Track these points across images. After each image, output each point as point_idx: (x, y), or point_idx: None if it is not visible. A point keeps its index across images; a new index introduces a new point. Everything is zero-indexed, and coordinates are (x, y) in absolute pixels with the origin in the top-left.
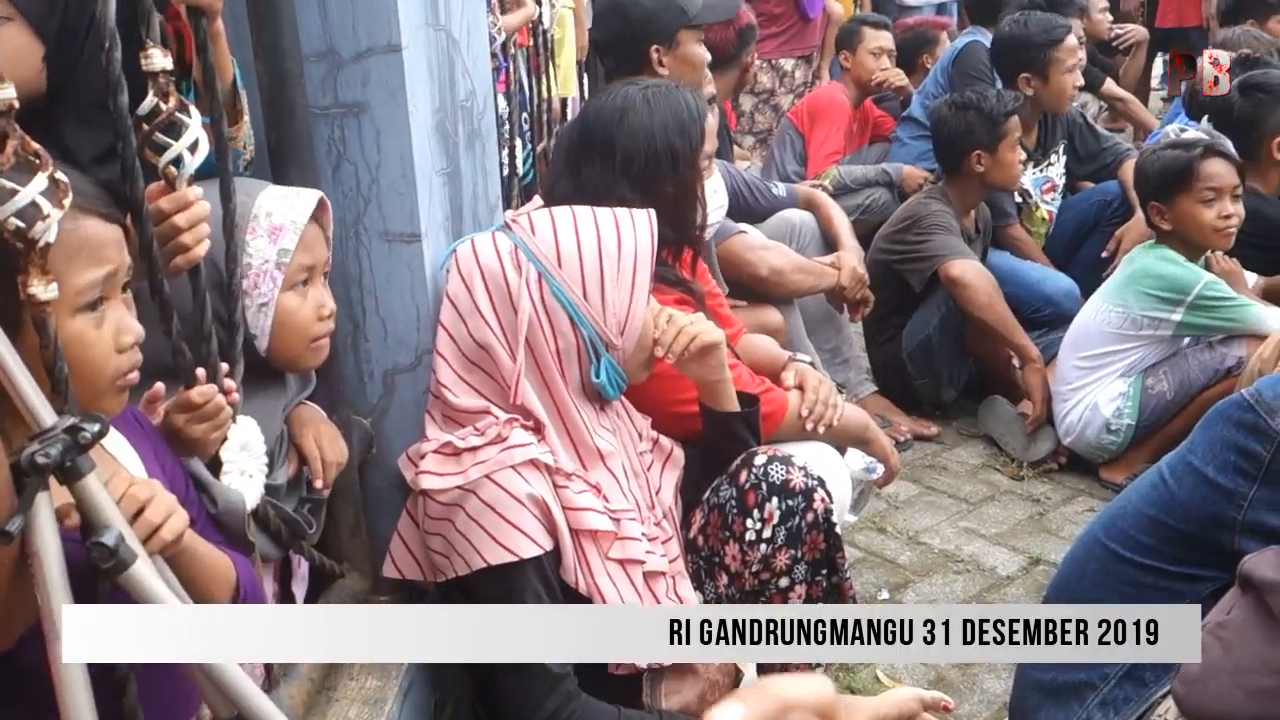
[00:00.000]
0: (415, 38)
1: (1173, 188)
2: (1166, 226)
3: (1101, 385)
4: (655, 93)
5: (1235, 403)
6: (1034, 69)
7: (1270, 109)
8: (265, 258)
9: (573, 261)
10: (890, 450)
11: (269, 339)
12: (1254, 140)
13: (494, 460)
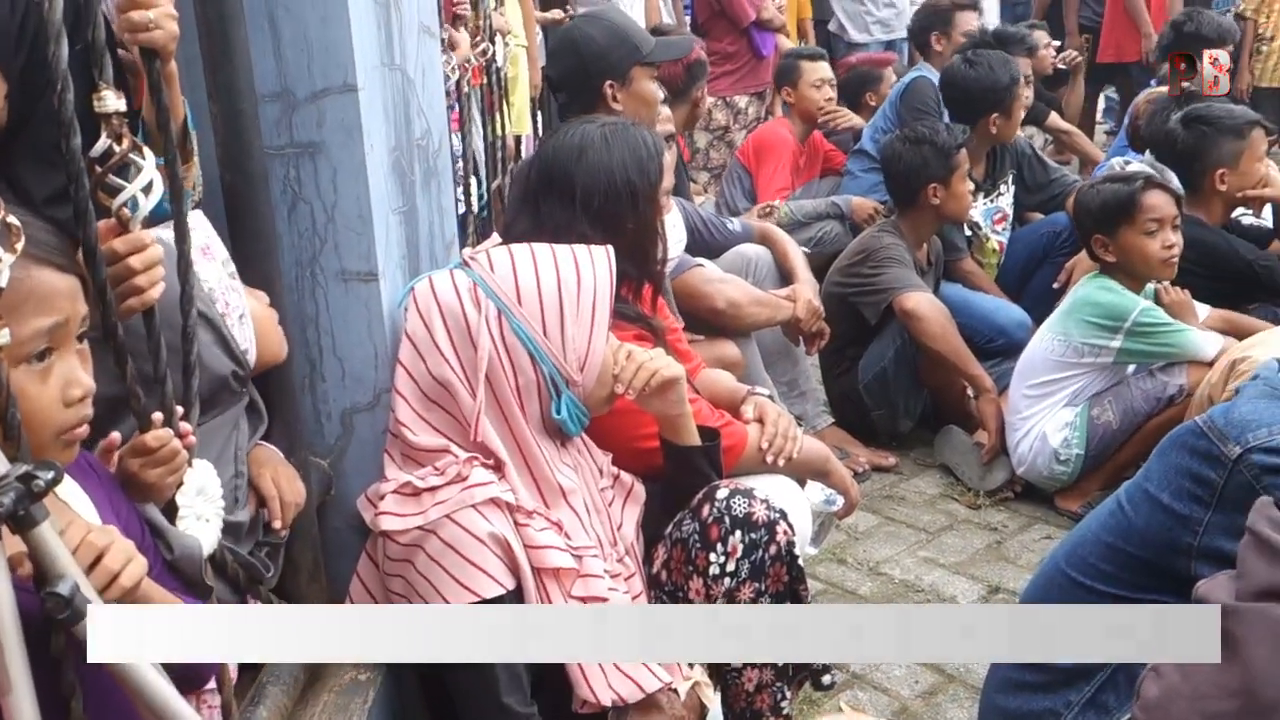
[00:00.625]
0: (371, 78)
1: (1115, 220)
2: (1111, 259)
3: (1048, 414)
4: (613, 130)
5: (1189, 429)
6: (1003, 109)
7: (1213, 141)
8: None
9: (532, 298)
10: (850, 482)
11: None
12: (1198, 172)
13: (454, 499)
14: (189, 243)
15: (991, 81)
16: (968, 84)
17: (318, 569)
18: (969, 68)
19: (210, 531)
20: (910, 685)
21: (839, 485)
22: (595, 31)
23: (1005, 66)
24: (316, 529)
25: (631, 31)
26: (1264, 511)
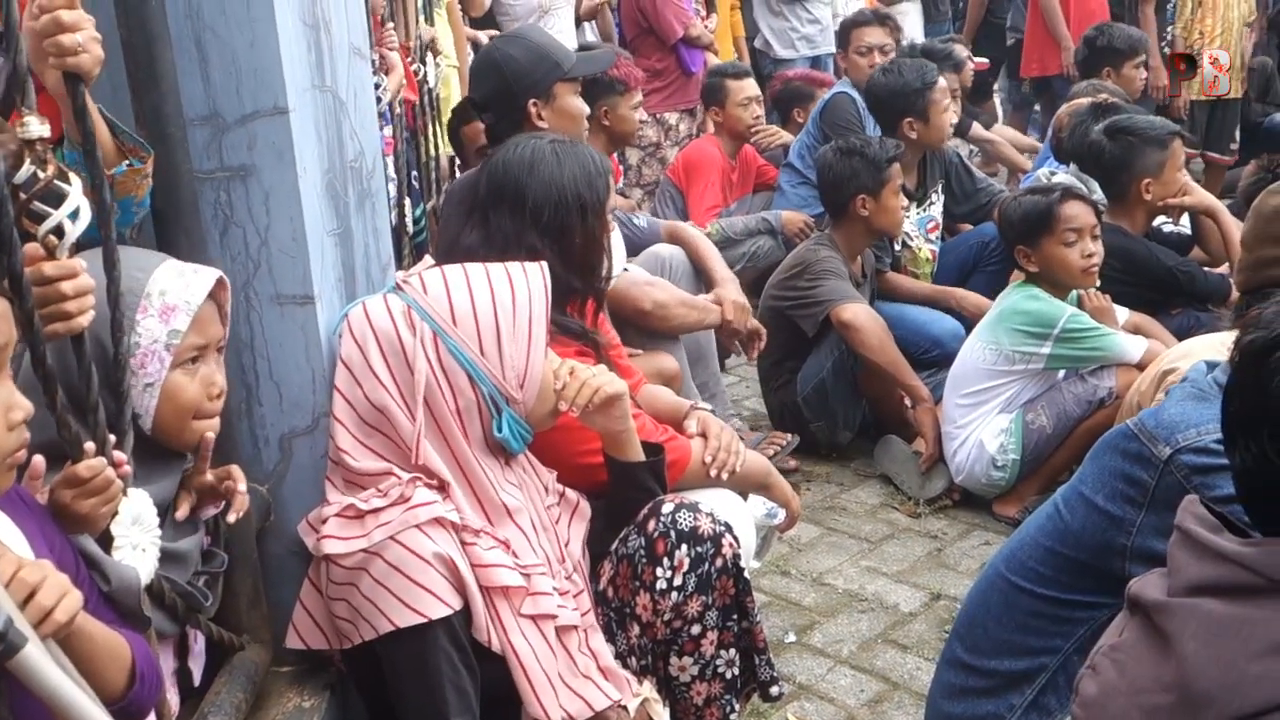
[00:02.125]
0: (302, 100)
1: (1036, 231)
2: (1034, 268)
3: (984, 422)
4: (562, 145)
5: (1121, 433)
6: (916, 113)
7: (1139, 151)
8: (155, 338)
9: (467, 318)
10: (790, 495)
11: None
12: (1124, 181)
13: (398, 521)
14: (119, 269)
15: (901, 85)
16: (880, 90)
17: (258, 596)
18: (883, 75)
19: (147, 561)
20: (856, 694)
21: (780, 498)
22: (515, 51)
23: (917, 71)
24: (256, 555)
25: (552, 49)
26: (1191, 509)
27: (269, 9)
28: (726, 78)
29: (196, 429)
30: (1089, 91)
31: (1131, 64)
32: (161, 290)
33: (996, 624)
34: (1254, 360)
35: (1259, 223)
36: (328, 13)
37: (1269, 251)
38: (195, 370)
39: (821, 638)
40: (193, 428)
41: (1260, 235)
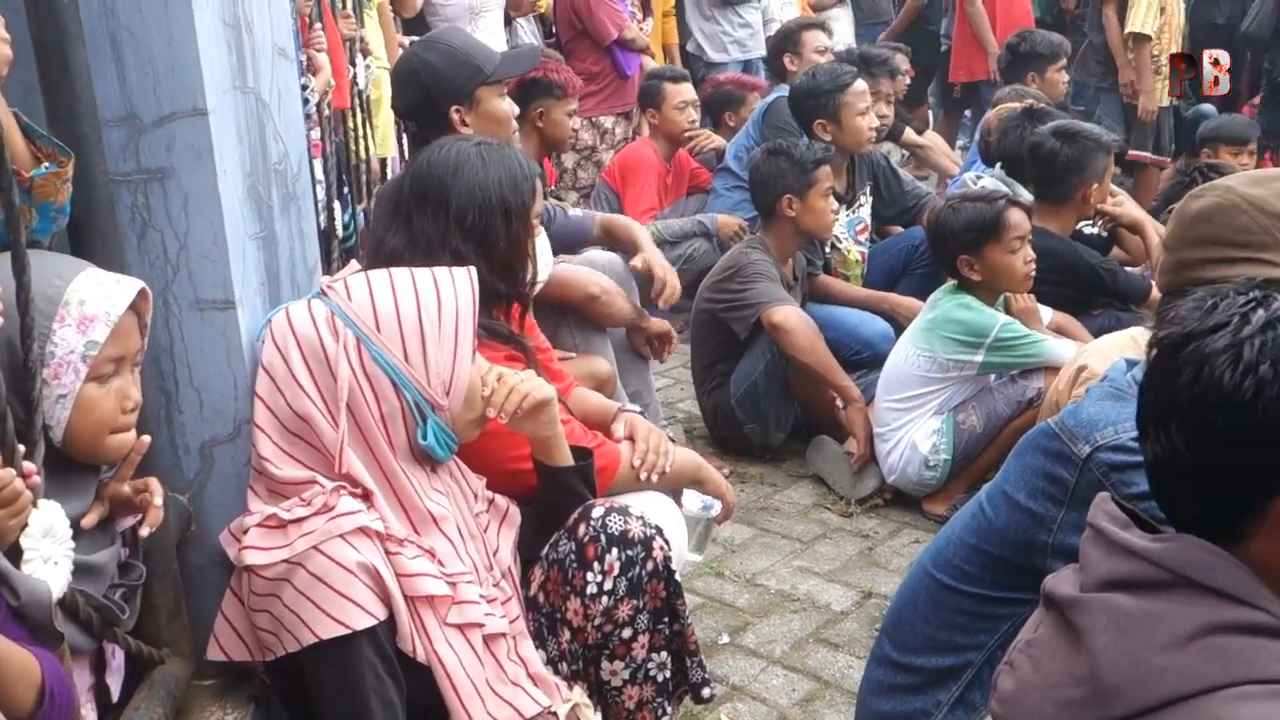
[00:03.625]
0: (222, 101)
1: (982, 239)
2: (977, 277)
3: (917, 424)
4: (488, 148)
5: (1042, 431)
6: (826, 114)
7: (1093, 154)
8: (71, 348)
9: (391, 324)
10: (725, 488)
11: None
12: (1074, 184)
13: (321, 530)
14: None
15: (813, 87)
16: (796, 92)
17: (179, 609)
18: (802, 78)
19: (59, 575)
20: (788, 694)
21: (714, 491)
22: (433, 57)
23: (830, 74)
24: (176, 567)
25: (473, 52)
26: (1103, 506)
27: (187, 8)
28: (664, 80)
29: (110, 444)
30: (1013, 96)
31: (1054, 68)
32: (81, 299)
33: (923, 621)
34: (1166, 355)
35: (1181, 226)
36: (249, 12)
37: (1190, 254)
38: (110, 383)
39: (754, 638)
40: (106, 443)
41: (1181, 238)
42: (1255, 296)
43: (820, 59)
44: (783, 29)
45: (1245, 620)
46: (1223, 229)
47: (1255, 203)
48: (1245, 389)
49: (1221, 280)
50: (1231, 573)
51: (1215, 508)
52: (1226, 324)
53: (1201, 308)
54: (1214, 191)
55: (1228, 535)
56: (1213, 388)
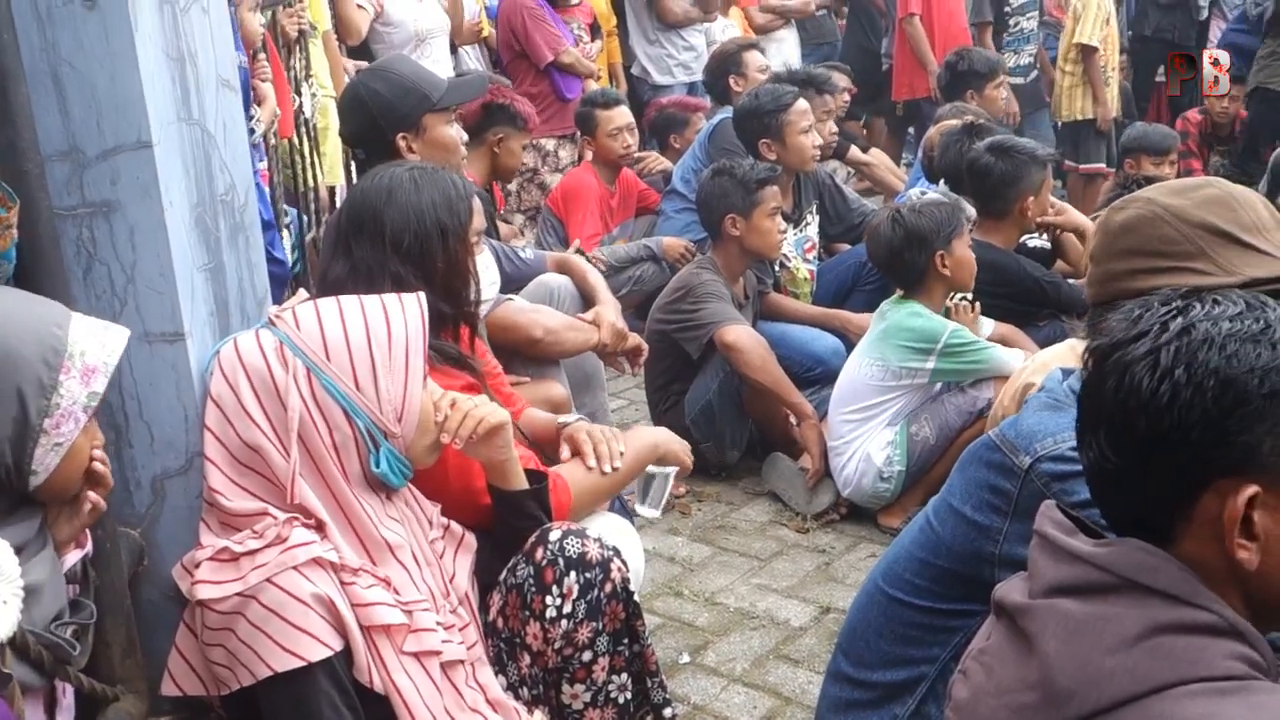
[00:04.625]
0: (166, 133)
1: (951, 235)
2: (948, 273)
3: (871, 436)
4: (421, 172)
5: (984, 444)
6: (770, 134)
7: (1028, 168)
8: (74, 399)
9: (341, 352)
10: (682, 452)
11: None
12: (1010, 198)
13: (274, 562)
14: None
15: (756, 107)
16: (739, 113)
17: (132, 645)
18: (745, 99)
19: (8, 614)
20: (749, 711)
21: (673, 460)
22: (380, 85)
23: (772, 95)
24: (129, 602)
25: (420, 80)
26: (1048, 514)
27: (129, 42)
28: (596, 107)
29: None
30: (954, 113)
31: (992, 85)
32: (81, 350)
33: (877, 636)
34: (1095, 364)
35: (1106, 238)
36: (193, 45)
37: (1117, 265)
38: (89, 426)
39: (715, 657)
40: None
41: (1107, 250)
42: (1176, 306)
43: (762, 78)
44: (720, 51)
45: (1189, 620)
46: (1147, 240)
47: (1177, 213)
48: (1162, 393)
49: (1150, 290)
50: (1173, 574)
51: (1147, 511)
52: (1148, 332)
53: (1129, 318)
54: (1135, 203)
55: (1163, 538)
56: (1133, 393)
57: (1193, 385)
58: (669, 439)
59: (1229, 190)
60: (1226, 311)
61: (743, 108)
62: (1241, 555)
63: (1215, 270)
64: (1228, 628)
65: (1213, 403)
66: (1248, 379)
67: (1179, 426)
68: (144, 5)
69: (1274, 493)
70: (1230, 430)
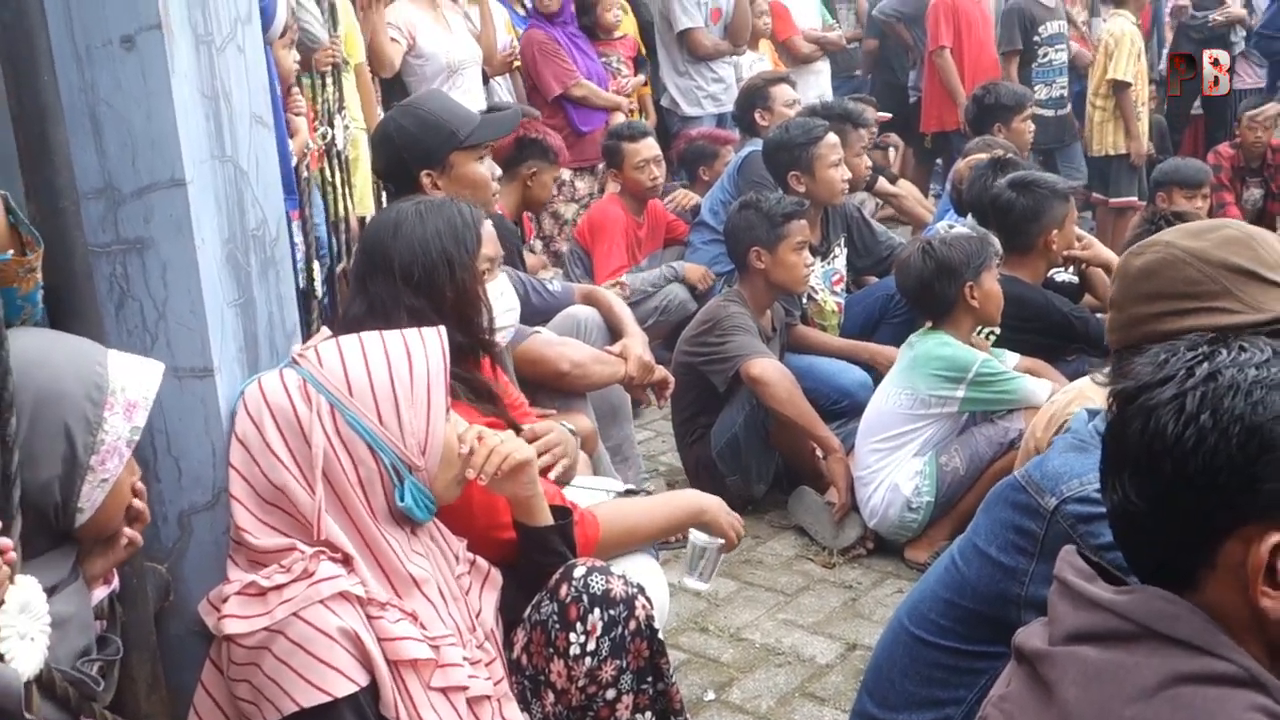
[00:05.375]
0: (200, 171)
1: (981, 267)
2: (977, 305)
3: (899, 465)
4: (428, 205)
5: (1010, 485)
6: (800, 167)
7: (1049, 203)
8: (119, 434)
9: (364, 388)
10: (726, 524)
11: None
12: (1034, 233)
13: (301, 596)
14: (6, 347)
15: (787, 140)
16: (769, 146)
17: (157, 681)
18: (775, 131)
19: (35, 651)
20: None
21: (717, 531)
22: (408, 122)
23: (803, 128)
24: (155, 638)
25: (448, 117)
26: (1068, 559)
27: (165, 82)
28: (622, 140)
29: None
30: (982, 147)
31: (1019, 118)
32: (123, 385)
33: (902, 676)
34: (1120, 407)
35: (1125, 283)
36: (228, 83)
37: (1142, 309)
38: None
39: (740, 694)
40: (120, 520)
41: (1128, 295)
42: (1203, 351)
43: (790, 112)
44: (749, 85)
45: (1209, 670)
46: (1171, 283)
47: (1197, 254)
48: (1188, 438)
49: (1179, 332)
50: (1193, 623)
51: (1171, 557)
52: (1174, 376)
53: (1154, 362)
54: (1154, 248)
55: (1187, 584)
56: (1158, 437)
57: (1218, 431)
58: (717, 510)
59: (1246, 230)
60: (1253, 359)
61: (773, 140)
62: (1265, 604)
63: (1242, 308)
64: (1249, 678)
65: (1238, 449)
66: (1274, 426)
67: (1204, 471)
68: (181, 45)
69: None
70: (1256, 477)
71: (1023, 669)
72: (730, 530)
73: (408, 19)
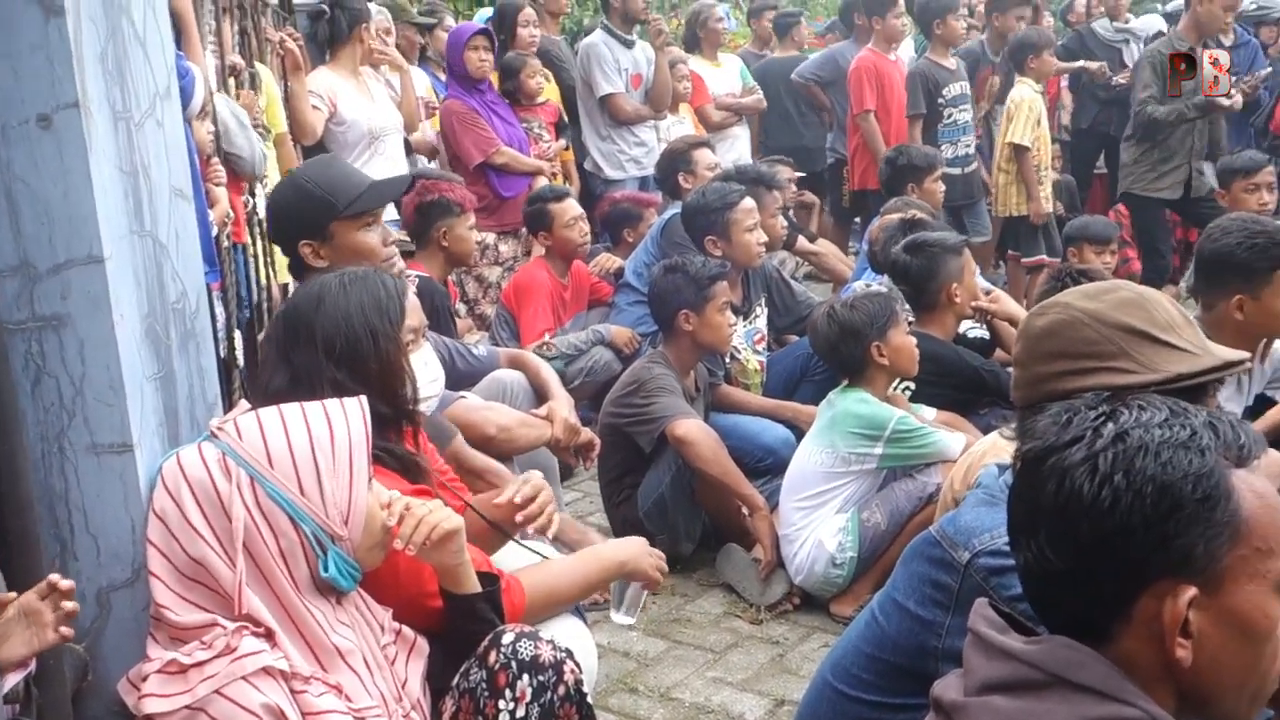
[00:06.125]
0: (119, 247)
1: (886, 325)
2: (886, 362)
3: (822, 522)
4: (351, 277)
5: (925, 540)
6: (716, 232)
7: (941, 260)
8: None
9: (284, 459)
10: (651, 570)
11: None
12: (934, 290)
13: (224, 673)
14: None
15: (703, 205)
16: (687, 210)
17: None
18: (693, 197)
19: None
20: None
21: (642, 578)
22: (290, 192)
23: (719, 193)
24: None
25: (331, 187)
26: (981, 612)
27: (83, 159)
28: (547, 203)
29: None
30: (899, 206)
31: (930, 178)
32: None
33: None
34: (1030, 467)
35: (1029, 342)
36: (147, 158)
37: (1044, 368)
38: None
39: None
40: None
41: (1032, 354)
42: (1104, 411)
43: (711, 175)
44: (671, 149)
45: (1115, 715)
46: (1071, 343)
47: (1095, 315)
48: (1103, 498)
49: (1078, 390)
50: (1099, 670)
51: (1085, 612)
52: (1082, 437)
53: (1058, 422)
54: (1054, 309)
55: (1100, 636)
56: (1074, 498)
57: (1132, 491)
58: (638, 559)
59: (1139, 291)
60: (1154, 419)
61: (690, 205)
62: (1180, 654)
63: (1138, 368)
64: None
65: (1151, 508)
66: (1183, 484)
67: (1120, 531)
68: (98, 122)
69: (1206, 593)
70: (1168, 534)
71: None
72: (653, 574)
73: (329, 86)
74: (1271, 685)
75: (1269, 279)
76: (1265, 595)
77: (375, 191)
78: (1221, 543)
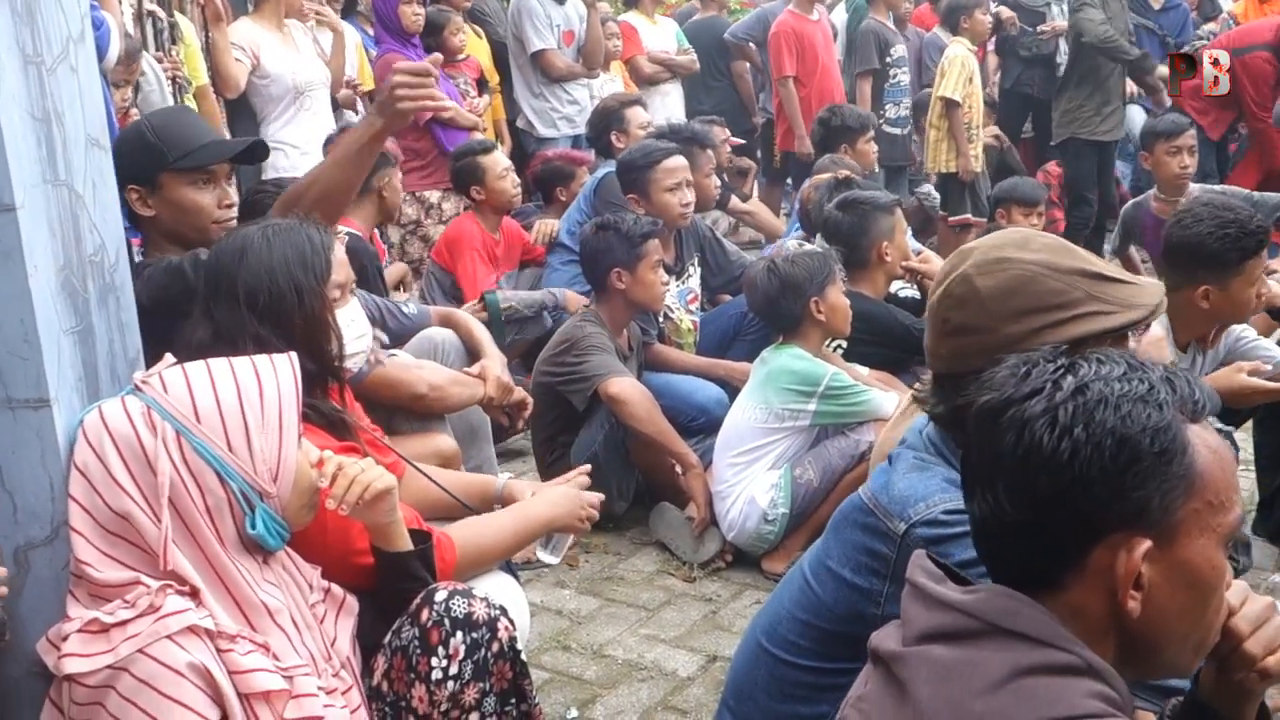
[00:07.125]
0: (31, 195)
1: (824, 282)
2: (824, 319)
3: (755, 479)
4: (276, 230)
5: (856, 506)
6: (637, 189)
7: (873, 218)
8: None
9: (212, 414)
10: (578, 525)
11: None
12: (865, 247)
13: (147, 632)
14: None
15: (629, 162)
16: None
17: None
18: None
19: None
20: None
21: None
22: (129, 134)
23: (642, 151)
24: None
25: (166, 135)
26: (919, 562)
27: None
28: (476, 155)
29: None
30: (830, 166)
31: (863, 139)
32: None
33: (765, 695)
34: (987, 419)
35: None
36: (60, 104)
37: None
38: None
39: (603, 710)
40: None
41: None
42: (1063, 364)
43: (643, 134)
44: (603, 106)
45: (1050, 661)
46: (1038, 297)
47: (1048, 265)
48: (1063, 450)
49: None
50: (1034, 617)
51: (1039, 562)
52: (1041, 389)
53: (1016, 374)
54: (997, 267)
55: (1051, 586)
56: (1034, 450)
57: (1092, 443)
58: (567, 516)
59: (1049, 238)
60: (1113, 372)
61: (621, 161)
62: (1131, 605)
63: (1114, 308)
64: (1086, 667)
65: (1110, 460)
66: (1141, 438)
67: (1079, 482)
68: (7, 65)
69: (1159, 545)
70: (1126, 486)
71: (878, 670)
72: (581, 525)
73: (252, 38)
74: (1214, 637)
75: (1239, 269)
76: (1214, 548)
77: (209, 150)
78: (1176, 496)
